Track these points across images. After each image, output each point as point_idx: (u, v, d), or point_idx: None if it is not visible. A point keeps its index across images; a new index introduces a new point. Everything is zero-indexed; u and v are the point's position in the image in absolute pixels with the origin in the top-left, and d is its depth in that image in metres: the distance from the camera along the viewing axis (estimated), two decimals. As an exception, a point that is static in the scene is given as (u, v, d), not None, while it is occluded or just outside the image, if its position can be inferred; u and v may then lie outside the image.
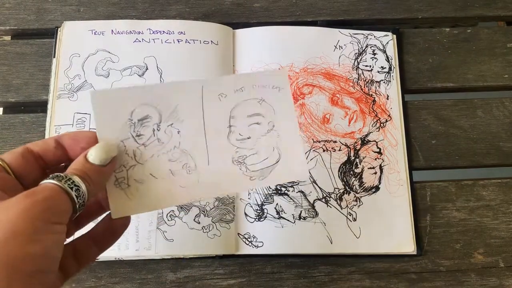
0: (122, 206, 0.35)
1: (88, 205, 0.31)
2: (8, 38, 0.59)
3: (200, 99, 0.40)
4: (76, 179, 0.29)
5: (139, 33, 0.54)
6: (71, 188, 0.29)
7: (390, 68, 0.55)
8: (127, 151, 0.37)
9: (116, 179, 0.36)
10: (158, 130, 0.38)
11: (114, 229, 0.34)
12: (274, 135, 0.40)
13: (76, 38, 0.54)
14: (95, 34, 0.54)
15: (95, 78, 0.52)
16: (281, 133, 0.40)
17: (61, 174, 0.29)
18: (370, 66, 0.55)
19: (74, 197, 0.29)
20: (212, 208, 0.49)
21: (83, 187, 0.29)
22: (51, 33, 0.55)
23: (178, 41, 0.54)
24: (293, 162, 0.40)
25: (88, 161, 0.31)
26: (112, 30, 0.54)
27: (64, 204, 0.28)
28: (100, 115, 0.36)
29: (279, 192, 0.50)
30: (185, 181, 0.38)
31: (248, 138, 0.40)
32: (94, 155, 0.32)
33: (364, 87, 0.55)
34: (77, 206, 0.29)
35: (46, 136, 0.50)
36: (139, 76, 0.52)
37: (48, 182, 0.28)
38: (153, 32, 0.54)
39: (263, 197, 0.50)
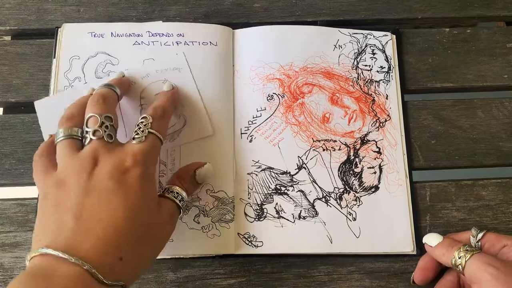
0: None
1: None
2: (8, 38, 0.59)
3: None
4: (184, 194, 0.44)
5: (138, 35, 0.54)
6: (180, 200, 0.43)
7: (389, 68, 0.56)
8: None
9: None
10: None
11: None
12: (179, 105, 0.50)
13: (76, 40, 0.54)
14: (94, 36, 0.54)
15: (95, 80, 0.52)
16: (184, 103, 0.50)
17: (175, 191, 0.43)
18: (370, 65, 0.55)
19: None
20: (212, 208, 0.49)
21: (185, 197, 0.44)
22: (52, 33, 0.55)
23: (177, 43, 0.54)
24: (198, 124, 0.50)
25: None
26: (111, 33, 0.54)
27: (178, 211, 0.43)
28: (44, 118, 0.50)
29: (279, 191, 0.50)
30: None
31: None
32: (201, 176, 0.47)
33: (364, 86, 0.55)
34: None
35: (45, 137, 0.49)
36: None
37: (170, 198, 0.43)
38: (152, 35, 0.54)
39: (263, 197, 0.50)
